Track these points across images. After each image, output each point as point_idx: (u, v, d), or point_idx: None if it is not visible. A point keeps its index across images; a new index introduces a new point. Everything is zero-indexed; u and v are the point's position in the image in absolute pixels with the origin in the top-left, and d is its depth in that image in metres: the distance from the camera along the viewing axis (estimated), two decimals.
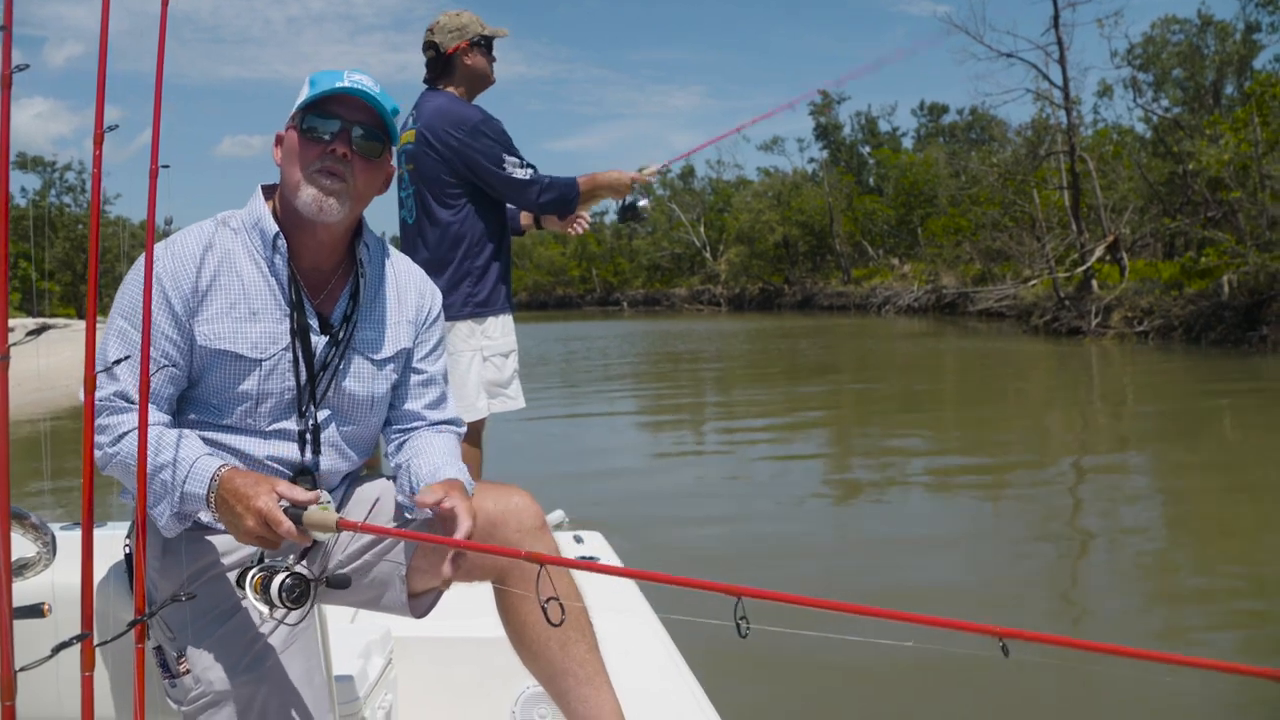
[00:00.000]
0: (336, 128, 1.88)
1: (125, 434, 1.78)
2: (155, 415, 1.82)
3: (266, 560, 1.73)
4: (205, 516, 1.83)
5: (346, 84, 1.86)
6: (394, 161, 1.99)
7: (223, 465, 1.77)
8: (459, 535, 1.76)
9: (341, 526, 1.67)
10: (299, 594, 1.70)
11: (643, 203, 4.21)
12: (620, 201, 4.21)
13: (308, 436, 1.94)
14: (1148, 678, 4.30)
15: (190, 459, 1.77)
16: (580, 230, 4.25)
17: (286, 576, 1.70)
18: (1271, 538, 6.43)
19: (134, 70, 1.95)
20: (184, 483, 1.75)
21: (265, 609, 1.71)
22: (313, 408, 1.94)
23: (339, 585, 1.83)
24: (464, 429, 2.19)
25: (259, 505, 1.67)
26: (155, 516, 1.79)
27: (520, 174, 3.88)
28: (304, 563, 1.78)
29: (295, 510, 1.68)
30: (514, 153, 3.92)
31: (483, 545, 1.84)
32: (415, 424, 2.10)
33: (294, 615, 1.73)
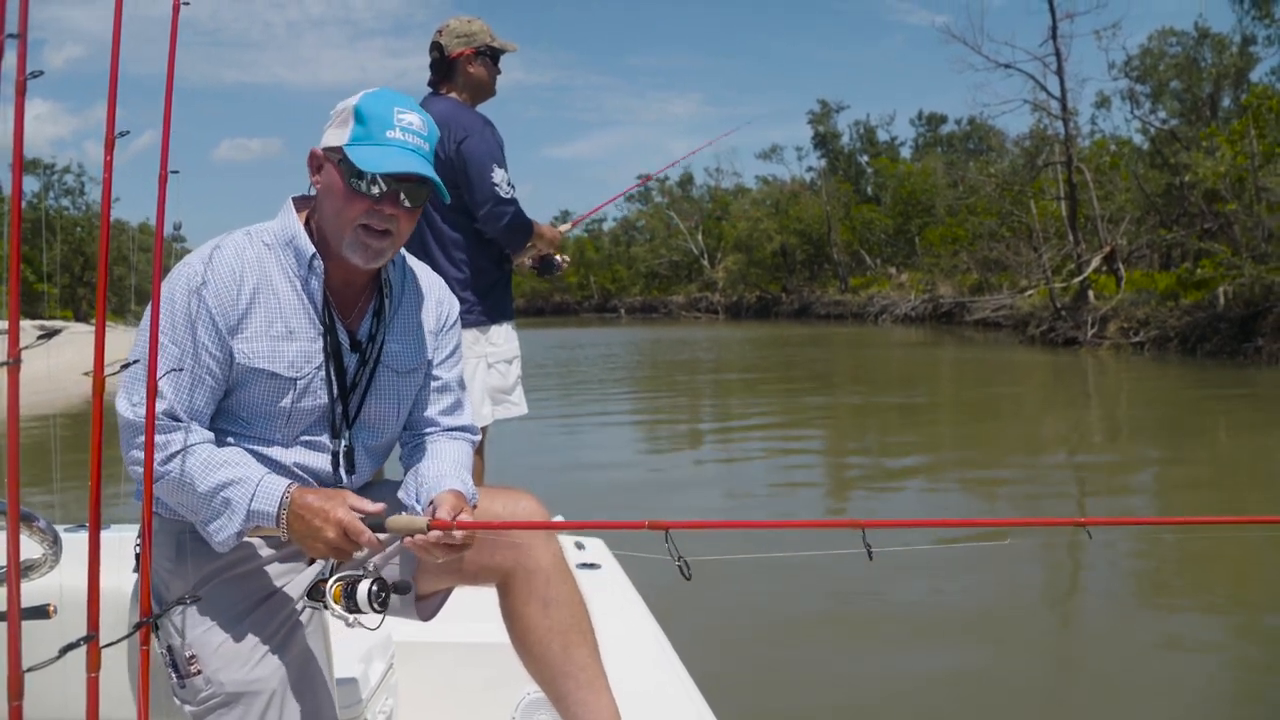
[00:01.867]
0: (384, 188, 1.82)
1: (175, 453, 1.79)
2: (200, 433, 1.83)
3: (340, 571, 1.79)
4: (266, 533, 1.86)
5: (398, 137, 1.82)
6: (440, 195, 1.92)
7: (290, 484, 1.80)
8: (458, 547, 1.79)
9: (434, 527, 1.73)
10: (384, 598, 1.78)
11: (559, 258, 4.34)
12: (542, 255, 4.30)
13: (340, 457, 1.96)
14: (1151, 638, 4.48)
15: (255, 478, 1.80)
16: (563, 265, 4.34)
17: (373, 583, 1.77)
18: (1266, 549, 6.45)
19: (134, 73, 1.95)
20: (251, 500, 1.78)
21: (349, 617, 1.77)
22: (346, 428, 1.96)
23: (404, 590, 1.90)
24: (478, 436, 2.19)
25: (339, 516, 1.73)
26: (212, 533, 1.81)
27: (504, 190, 3.87)
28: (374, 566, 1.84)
29: (374, 519, 1.74)
30: (504, 167, 3.91)
31: (588, 523, 1.92)
32: (429, 430, 2.11)
33: (374, 620, 1.80)
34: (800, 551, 1.78)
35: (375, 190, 1.82)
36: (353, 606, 1.75)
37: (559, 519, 4.09)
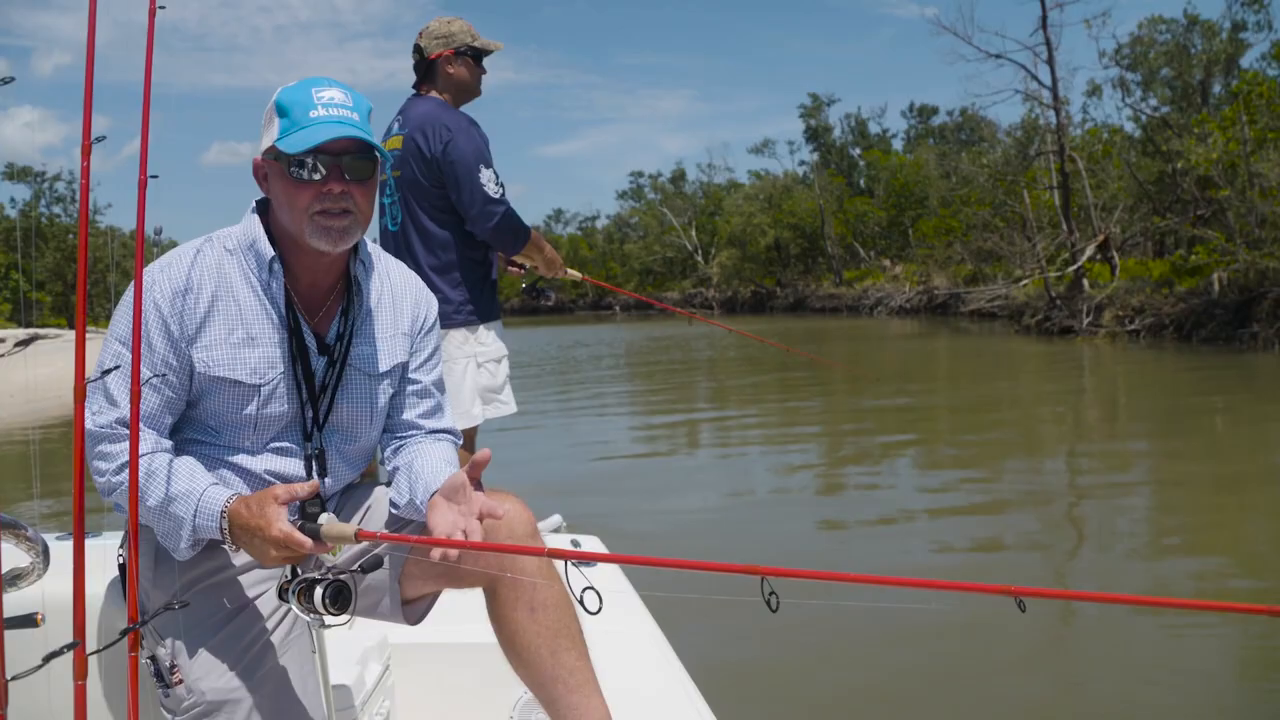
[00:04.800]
0: (325, 168, 1.82)
1: (127, 463, 1.76)
2: (158, 442, 1.82)
3: (300, 574, 1.77)
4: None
5: (321, 114, 1.80)
6: (383, 157, 1.91)
7: (229, 497, 1.77)
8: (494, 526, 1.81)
9: (360, 537, 1.70)
10: (342, 600, 1.75)
11: (548, 291, 4.54)
12: (536, 278, 4.42)
13: (313, 460, 1.94)
14: (1153, 626, 4.52)
15: (197, 491, 1.78)
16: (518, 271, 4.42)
17: (327, 585, 1.74)
18: (1260, 525, 6.47)
19: (122, 80, 1.94)
20: (195, 516, 1.77)
21: (314, 620, 1.75)
22: (316, 431, 1.94)
23: (374, 567, 1.86)
24: (460, 439, 2.18)
25: (275, 534, 1.68)
26: (169, 547, 1.81)
27: (492, 189, 3.84)
28: (327, 566, 1.83)
29: (312, 526, 1.71)
30: (491, 166, 3.88)
31: (500, 546, 1.86)
32: (412, 432, 2.09)
33: (341, 619, 1.77)
34: (706, 595, 1.67)
35: (317, 175, 1.81)
36: (311, 609, 1.74)
37: (555, 518, 4.11)
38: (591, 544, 3.52)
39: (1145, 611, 4.90)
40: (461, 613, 2.18)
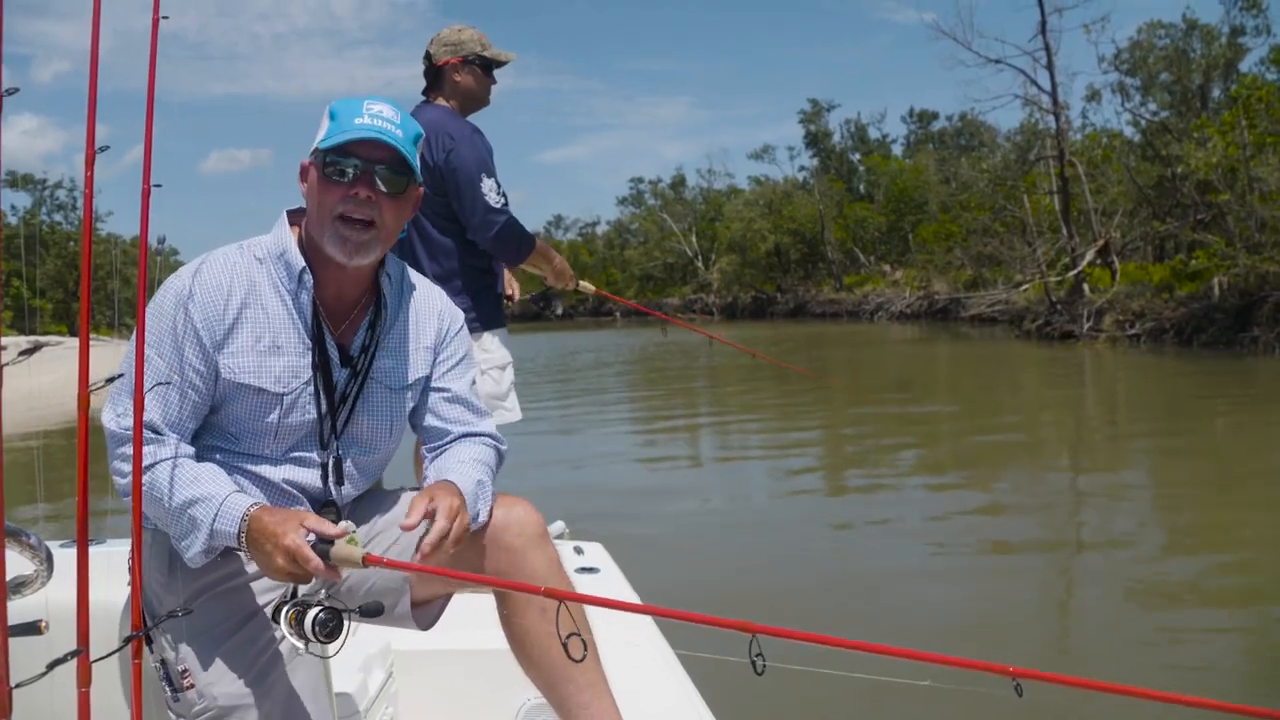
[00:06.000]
0: (357, 169, 1.83)
1: (152, 465, 1.77)
2: (180, 446, 1.82)
3: (299, 595, 1.75)
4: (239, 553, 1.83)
5: (365, 122, 1.83)
6: (416, 180, 1.93)
7: (253, 504, 1.77)
8: (431, 535, 1.75)
9: (369, 562, 1.68)
10: (332, 628, 1.72)
11: (557, 302, 4.57)
12: (545, 288, 4.45)
13: (329, 470, 1.94)
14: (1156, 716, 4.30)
15: (221, 496, 1.77)
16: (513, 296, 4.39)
17: (320, 611, 1.71)
18: (1267, 538, 6.45)
19: (122, 88, 1.95)
20: (214, 520, 1.76)
21: (301, 645, 1.72)
22: (335, 441, 1.95)
23: (372, 613, 1.83)
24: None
25: (287, 543, 1.67)
26: (183, 550, 1.80)
27: (493, 199, 3.84)
28: (328, 593, 1.80)
29: (323, 546, 1.68)
30: (494, 176, 3.89)
31: (501, 581, 1.86)
32: (445, 439, 2.08)
33: (330, 649, 1.74)
34: (693, 652, 1.60)
35: (348, 175, 1.83)
36: (302, 634, 1.71)
37: (559, 524, 4.11)
38: (594, 551, 3.52)
39: (1153, 657, 4.79)
40: (464, 619, 2.19)
